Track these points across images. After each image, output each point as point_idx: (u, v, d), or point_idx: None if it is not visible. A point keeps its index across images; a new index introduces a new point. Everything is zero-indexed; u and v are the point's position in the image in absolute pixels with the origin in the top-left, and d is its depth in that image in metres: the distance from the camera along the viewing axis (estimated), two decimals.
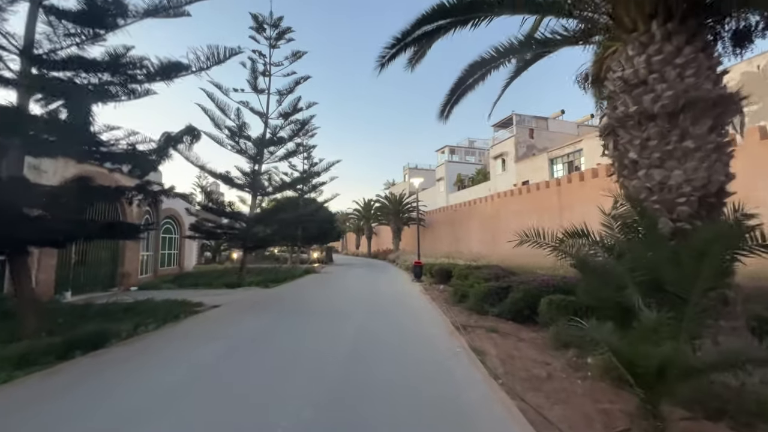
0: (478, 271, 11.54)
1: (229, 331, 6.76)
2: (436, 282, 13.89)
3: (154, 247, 15.74)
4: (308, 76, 16.83)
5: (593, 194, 18.03)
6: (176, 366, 4.88)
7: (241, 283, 14.26)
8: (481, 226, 26.86)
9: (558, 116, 31.83)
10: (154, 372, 4.66)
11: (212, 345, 5.81)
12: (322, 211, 25.56)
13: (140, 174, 6.83)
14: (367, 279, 17.10)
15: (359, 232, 50.68)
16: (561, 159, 25.24)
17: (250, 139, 15.70)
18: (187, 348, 5.70)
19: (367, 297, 10.94)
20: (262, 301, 10.42)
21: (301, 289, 13.30)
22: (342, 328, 6.78)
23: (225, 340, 6.08)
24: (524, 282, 8.23)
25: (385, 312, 8.58)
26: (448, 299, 10.36)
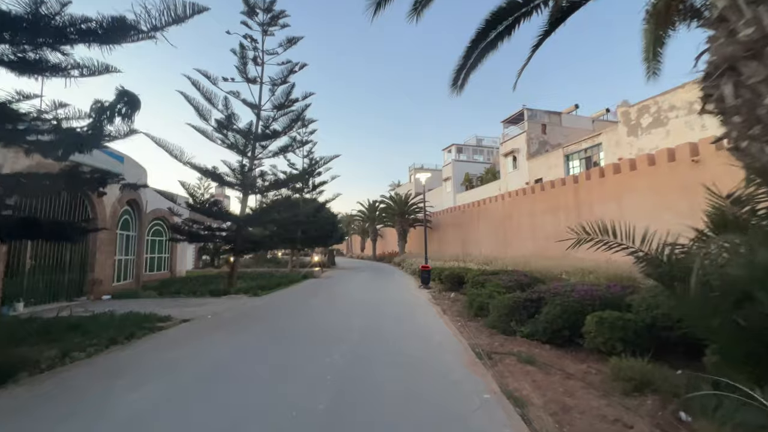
0: (496, 278, 9.81)
1: (181, 363, 5.14)
2: (447, 289, 12.17)
3: (137, 251, 14.25)
4: (304, 63, 15.30)
5: (615, 191, 16.18)
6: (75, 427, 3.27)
7: (229, 291, 12.69)
8: (491, 227, 25.15)
9: (572, 111, 29.96)
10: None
11: (147, 387, 4.18)
12: (323, 212, 23.98)
13: (63, 154, 5.22)
14: (369, 286, 15.43)
15: (364, 234, 49.05)
16: (578, 155, 23.40)
17: (241, 132, 14.17)
18: (110, 393, 4.08)
19: (366, 310, 9.25)
20: (241, 316, 8.80)
21: (292, 299, 11.68)
22: (328, 361, 5.11)
23: (168, 380, 4.46)
24: (558, 293, 6.51)
25: (387, 332, 6.87)
26: (461, 312, 8.65)
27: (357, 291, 13.52)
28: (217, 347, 5.89)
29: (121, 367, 5.00)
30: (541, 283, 9.64)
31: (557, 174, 23.54)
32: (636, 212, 14.45)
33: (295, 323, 7.74)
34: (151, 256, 18.29)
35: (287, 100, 14.35)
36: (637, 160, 15.35)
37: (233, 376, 4.51)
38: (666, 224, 13.30)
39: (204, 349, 5.77)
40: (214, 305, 10.18)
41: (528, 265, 14.81)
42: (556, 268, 13.98)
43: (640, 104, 19.23)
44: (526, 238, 21.39)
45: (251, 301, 11.18)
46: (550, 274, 12.66)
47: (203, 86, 13.14)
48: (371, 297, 11.73)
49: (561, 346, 5.80)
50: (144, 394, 3.96)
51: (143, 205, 14.40)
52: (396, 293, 12.71)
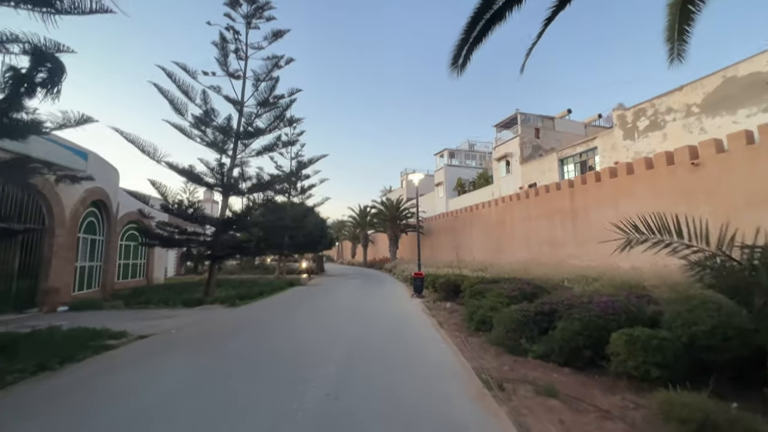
0: (496, 286, 8.85)
1: (113, 398, 4.03)
2: (442, 298, 11.19)
3: (105, 256, 12.96)
4: (291, 58, 14.36)
5: (611, 196, 15.51)
6: None
7: (204, 300, 11.51)
8: (484, 233, 24.40)
9: (564, 116, 29.55)
10: None
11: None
12: (311, 217, 22.88)
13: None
14: (358, 294, 14.35)
15: (355, 240, 47.91)
16: (572, 159, 22.82)
17: (221, 129, 13.09)
18: None
19: (353, 324, 8.17)
20: (210, 331, 7.66)
21: (272, 311, 10.55)
22: (301, 393, 4.06)
23: (87, 426, 3.37)
24: (573, 304, 5.58)
25: (376, 351, 5.83)
26: (460, 325, 7.66)
27: (345, 300, 12.44)
28: (168, 375, 4.78)
29: (37, 403, 3.88)
30: (545, 293, 8.75)
31: (551, 178, 22.92)
32: (633, 217, 13.81)
33: (269, 341, 6.64)
34: (125, 262, 17.00)
35: (271, 96, 13.35)
36: (634, 163, 14.75)
37: (172, 419, 3.43)
38: None
39: (150, 378, 4.66)
40: (183, 317, 9.02)
41: (527, 272, 13.95)
42: (555, 275, 13.16)
43: (637, 107, 18.73)
44: (520, 244, 20.65)
45: (227, 312, 10.02)
46: (550, 282, 11.79)
47: (179, 78, 12.09)
48: (360, 308, 10.66)
49: (581, 369, 4.86)
50: None
51: (113, 207, 13.16)
52: (387, 303, 11.67)
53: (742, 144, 10.88)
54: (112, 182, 13.28)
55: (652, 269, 11.45)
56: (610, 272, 11.98)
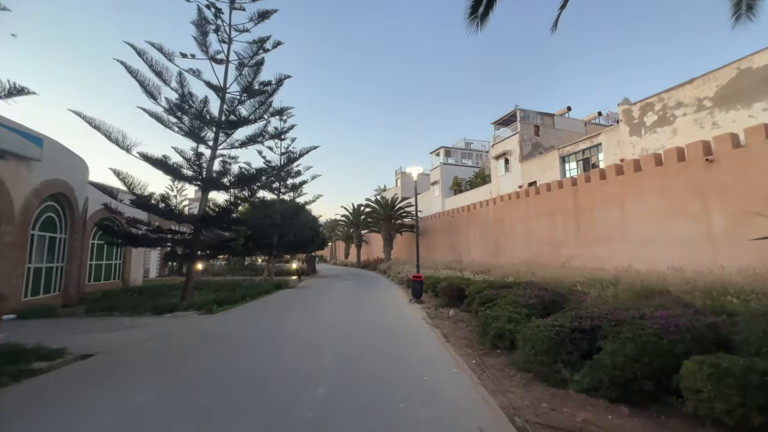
0: (509, 292, 7.66)
1: None
2: (444, 304, 9.97)
3: (68, 257, 11.50)
4: (278, 41, 13.00)
5: (617, 194, 14.46)
6: None
7: (178, 306, 10.14)
8: (482, 233, 23.33)
9: (564, 113, 28.63)
10: None
11: None
12: (302, 215, 21.53)
13: None
14: (351, 298, 13.07)
15: (348, 240, 46.59)
16: (574, 156, 21.83)
17: (200, 117, 11.71)
18: None
19: (343, 338, 6.89)
20: (172, 347, 6.33)
21: (251, 319, 9.23)
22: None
23: None
24: (621, 319, 4.40)
25: (371, 381, 4.56)
26: (470, 339, 6.44)
27: (336, 306, 11.14)
28: (92, 417, 3.47)
29: None
30: (565, 300, 7.59)
31: (552, 177, 21.90)
32: (641, 216, 12.87)
33: (240, 364, 5.34)
34: (97, 263, 15.53)
35: (256, 80, 12.00)
36: (642, 160, 13.75)
37: None
38: (676, 229, 11.44)
39: (64, 423, 3.35)
40: (147, 328, 7.67)
41: (533, 274, 12.83)
42: (565, 277, 12.04)
43: (644, 102, 17.75)
44: (519, 245, 19.59)
45: (199, 321, 8.67)
46: (561, 286, 10.67)
47: (151, 58, 10.69)
48: (352, 316, 9.38)
49: (641, 407, 3.67)
50: None
51: (78, 202, 11.71)
52: (383, 309, 10.41)
53: (761, 138, 9.88)
54: (78, 175, 11.84)
55: (672, 272, 10.41)
56: (624, 275, 10.91)
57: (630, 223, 13.43)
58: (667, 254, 11.46)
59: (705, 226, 11.01)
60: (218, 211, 11.29)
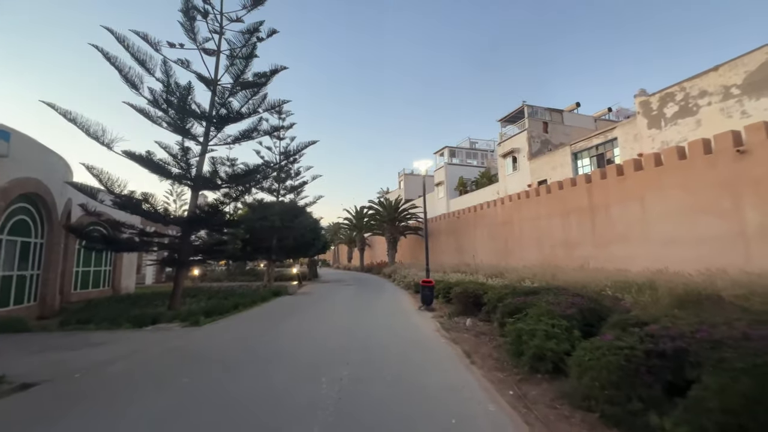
0: (536, 299, 6.49)
1: None
2: (458, 312, 8.81)
3: (44, 264, 10.44)
4: (274, 29, 11.98)
5: (636, 191, 13.28)
6: None
7: (161, 317, 9.04)
8: (490, 234, 22.15)
9: (573, 109, 27.48)
10: None
11: None
12: (303, 218, 20.44)
13: None
14: (354, 306, 11.91)
15: (351, 243, 45.47)
16: (588, 152, 20.66)
17: (187, 111, 10.68)
18: None
19: (345, 355, 5.74)
20: (139, 371, 5.20)
21: (242, 332, 8.10)
22: None
23: None
24: (718, 340, 3.24)
25: (379, 419, 3.43)
26: (500, 360, 5.27)
27: (337, 316, 9.98)
28: None
29: None
30: (606, 309, 6.41)
31: (564, 174, 20.74)
32: (663, 214, 11.69)
33: (214, 394, 4.20)
34: (84, 270, 14.48)
35: (248, 69, 10.97)
36: (663, 153, 12.62)
37: None
38: (704, 227, 10.21)
39: None
40: (119, 345, 6.56)
41: (554, 277, 11.63)
42: (590, 281, 10.84)
43: (663, 92, 16.59)
44: (530, 246, 18.42)
45: (181, 335, 7.55)
46: (587, 290, 9.50)
47: (133, 44, 9.68)
48: (355, 327, 8.22)
49: None
50: None
51: (56, 203, 10.67)
52: (390, 319, 9.25)
53: None
54: (56, 174, 10.81)
55: (709, 273, 9.22)
56: (658, 277, 9.70)
57: (651, 222, 12.34)
58: (693, 254, 10.35)
59: (736, 223, 9.86)
60: (208, 211, 10.20)
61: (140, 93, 9.86)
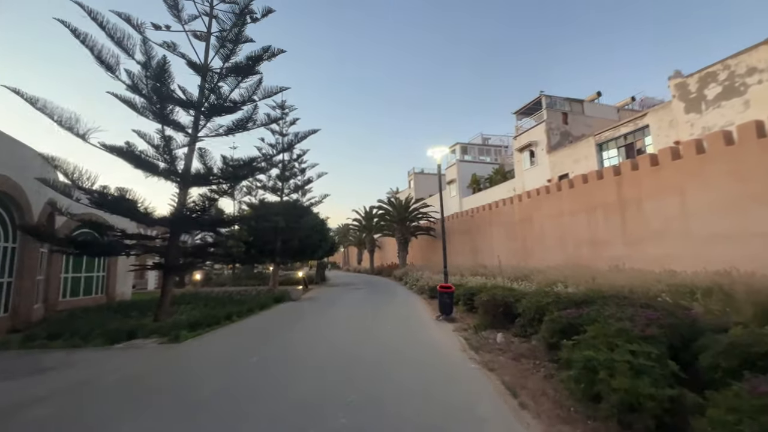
0: (595, 312, 4.95)
1: None
2: (486, 325, 7.25)
3: (17, 270, 9.28)
4: (269, 8, 10.70)
5: (674, 182, 11.55)
6: None
7: (138, 331, 7.75)
8: (507, 234, 20.54)
9: (594, 99, 25.63)
10: None
11: None
12: (308, 218, 19.12)
13: None
14: (362, 315, 10.45)
15: (361, 245, 44.10)
16: (614, 142, 18.85)
17: (172, 97, 9.44)
18: None
19: (348, 390, 4.32)
20: (61, 419, 3.83)
21: (226, 350, 6.71)
22: None
23: None
24: None
25: None
26: (555, 395, 3.77)
27: (341, 329, 8.51)
28: None
29: None
30: (680, 322, 4.82)
31: (588, 167, 18.97)
32: (706, 206, 10.12)
33: None
34: (74, 276, 13.42)
35: (237, 46, 9.67)
36: (706, 139, 10.95)
37: None
38: (756, 219, 8.39)
39: None
40: (68, 371, 5.24)
41: (593, 280, 9.97)
42: (636, 284, 9.15)
43: (703, 72, 14.76)
44: (552, 245, 16.77)
45: (152, 356, 6.21)
46: (637, 297, 7.88)
47: (105, 20, 8.46)
48: (363, 344, 6.75)
49: None
50: None
51: (30, 203, 9.52)
52: (403, 333, 7.74)
53: None
54: (31, 171, 9.67)
55: None
56: (720, 279, 8.00)
57: (692, 216, 10.74)
58: (743, 251, 8.81)
59: None
60: (196, 208, 8.90)
61: (117, 77, 8.64)
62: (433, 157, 10.51)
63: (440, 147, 10.16)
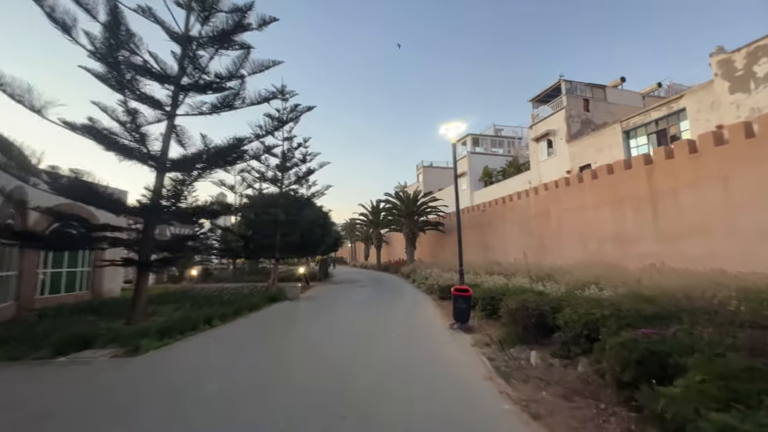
0: (684, 334, 3.43)
1: None
2: (514, 338, 5.73)
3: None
4: None
5: (717, 170, 9.72)
6: None
7: (96, 340, 6.45)
8: (521, 229, 18.89)
9: (618, 85, 23.64)
10: None
11: None
12: (310, 210, 17.73)
13: None
14: (364, 320, 9.00)
15: (368, 240, 42.72)
16: (645, 129, 16.99)
17: (141, 68, 8.06)
18: None
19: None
20: None
21: (189, 370, 5.33)
22: None
23: None
24: None
25: None
26: None
27: (337, 339, 7.04)
28: None
29: None
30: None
31: (613, 156, 17.16)
32: (757, 195, 8.59)
33: None
34: (55, 271, 12.30)
35: (214, 7, 8.21)
36: (757, 122, 9.27)
37: None
38: None
39: None
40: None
41: (640, 283, 8.32)
42: (690, 286, 7.49)
43: (752, 46, 12.85)
44: (571, 241, 15.14)
45: (95, 376, 4.87)
46: (693, 298, 6.28)
47: None
48: (357, 368, 5.28)
49: None
50: None
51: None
52: (410, 348, 6.25)
53: None
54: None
55: None
56: None
57: (740, 209, 9.15)
58: None
59: None
60: (170, 195, 7.53)
61: (75, 39, 7.28)
62: (446, 135, 8.94)
63: (455, 122, 8.57)
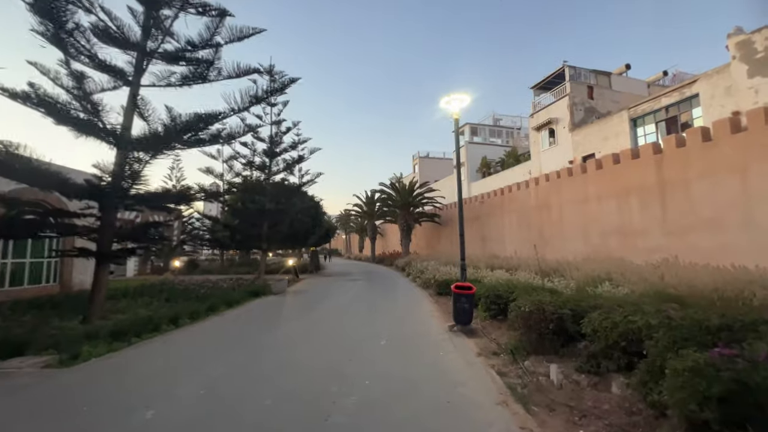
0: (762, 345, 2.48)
1: None
2: (527, 347, 4.79)
3: None
4: None
5: (734, 160, 8.75)
6: None
7: (30, 344, 5.41)
8: (520, 221, 18.04)
9: (622, 72, 22.64)
10: None
11: None
12: (299, 199, 16.62)
13: None
14: (354, 320, 8.01)
15: (362, 232, 41.72)
16: (653, 116, 16.05)
17: (105, 33, 6.88)
18: None
19: None
20: None
21: (125, 388, 4.32)
22: None
23: None
24: None
25: None
26: None
27: (320, 344, 6.06)
28: None
29: None
30: None
31: (619, 145, 16.25)
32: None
33: None
34: (17, 261, 11.19)
35: None
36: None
37: None
38: None
39: None
40: None
41: (663, 280, 7.43)
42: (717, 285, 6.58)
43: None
44: (573, 234, 14.32)
45: (2, 397, 3.86)
46: (733, 301, 5.39)
47: None
48: (341, 381, 4.34)
49: None
50: None
51: None
52: (405, 353, 5.30)
53: None
54: None
55: None
56: None
57: (758, 201, 8.41)
58: None
59: None
60: (127, 175, 6.43)
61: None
62: (448, 108, 7.84)
63: (458, 94, 7.47)
